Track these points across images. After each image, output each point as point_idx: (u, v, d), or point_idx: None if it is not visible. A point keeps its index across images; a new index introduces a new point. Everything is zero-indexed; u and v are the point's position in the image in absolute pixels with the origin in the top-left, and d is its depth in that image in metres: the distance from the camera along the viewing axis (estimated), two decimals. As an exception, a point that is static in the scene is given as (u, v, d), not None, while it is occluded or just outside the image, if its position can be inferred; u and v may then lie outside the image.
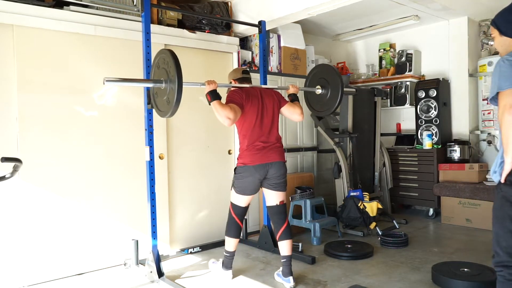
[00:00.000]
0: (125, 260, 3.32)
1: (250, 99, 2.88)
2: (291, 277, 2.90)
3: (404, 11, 4.72)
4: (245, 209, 3.08)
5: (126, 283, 3.07)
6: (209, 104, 2.73)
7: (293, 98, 3.14)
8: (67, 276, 3.17)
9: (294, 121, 3.17)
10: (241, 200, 3.02)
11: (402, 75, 5.36)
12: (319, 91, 3.27)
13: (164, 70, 2.59)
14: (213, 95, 2.72)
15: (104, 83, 2.39)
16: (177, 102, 2.45)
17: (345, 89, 3.13)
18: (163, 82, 2.59)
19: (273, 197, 2.99)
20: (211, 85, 2.74)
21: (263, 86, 3.10)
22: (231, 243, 3.07)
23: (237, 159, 2.98)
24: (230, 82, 3.08)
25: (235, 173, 2.97)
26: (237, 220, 3.06)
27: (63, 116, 3.18)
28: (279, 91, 3.18)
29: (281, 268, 2.99)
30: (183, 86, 2.45)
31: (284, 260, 2.93)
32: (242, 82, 3.03)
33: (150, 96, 2.89)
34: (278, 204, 2.98)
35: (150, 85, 2.69)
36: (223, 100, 2.78)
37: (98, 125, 3.34)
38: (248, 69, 3.11)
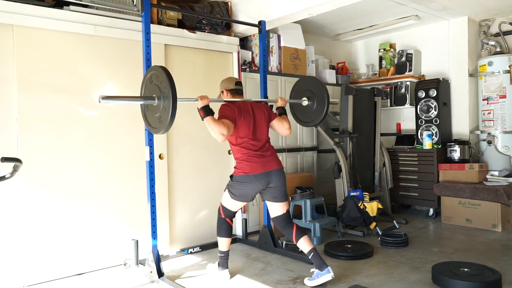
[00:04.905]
0: (125, 260, 3.32)
1: (242, 114, 2.89)
2: (329, 267, 2.83)
3: (404, 11, 4.72)
4: (236, 212, 3.13)
5: (126, 283, 3.07)
6: (202, 120, 2.72)
7: (281, 112, 3.19)
8: (67, 276, 3.17)
9: (281, 135, 3.21)
10: (235, 206, 3.06)
11: (402, 75, 5.36)
12: (305, 102, 3.33)
13: (157, 86, 2.52)
14: (206, 111, 2.70)
15: (99, 102, 2.38)
16: (171, 122, 2.41)
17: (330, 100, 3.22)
18: (155, 99, 2.54)
19: (277, 208, 3.02)
20: (203, 100, 2.72)
21: (253, 99, 3.14)
22: (224, 243, 3.11)
23: (235, 168, 2.98)
24: (222, 92, 3.08)
25: (232, 180, 2.98)
26: (227, 220, 3.10)
27: (63, 116, 3.18)
28: (268, 104, 3.21)
29: (314, 272, 2.89)
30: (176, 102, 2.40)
31: (311, 254, 2.89)
32: (234, 94, 3.04)
33: (141, 110, 2.81)
34: (285, 212, 3.02)
35: (142, 102, 2.68)
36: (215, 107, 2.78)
37: (98, 125, 3.34)
38: (240, 81, 3.13)
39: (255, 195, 3.04)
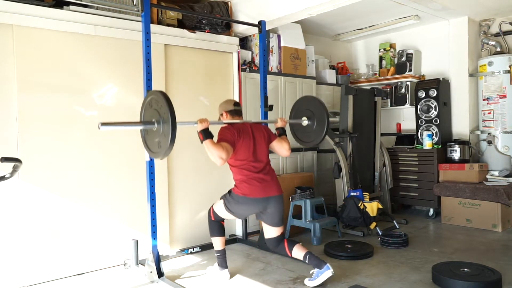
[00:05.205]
0: (125, 260, 3.32)
1: (241, 136, 2.88)
2: (327, 264, 2.83)
3: (404, 11, 4.72)
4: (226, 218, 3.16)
5: (126, 283, 3.07)
6: (201, 143, 2.72)
7: (281, 132, 3.19)
8: (67, 276, 3.17)
9: (281, 156, 3.20)
10: (227, 216, 3.07)
11: (402, 75, 5.37)
12: (305, 122, 3.33)
13: (157, 111, 2.50)
14: (205, 134, 2.71)
15: (99, 128, 2.33)
16: (170, 147, 2.38)
17: (330, 118, 3.22)
18: (155, 124, 2.51)
19: (272, 231, 3.02)
20: (203, 123, 2.73)
21: (253, 121, 3.14)
22: (218, 242, 3.12)
23: (235, 186, 2.96)
24: (222, 114, 3.08)
25: (229, 196, 2.97)
26: (219, 221, 3.13)
27: (63, 116, 3.18)
28: (268, 124, 3.24)
29: (313, 272, 2.88)
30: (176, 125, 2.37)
31: (307, 257, 2.89)
32: (234, 115, 3.04)
33: (141, 135, 2.77)
34: (279, 235, 3.03)
35: (142, 127, 2.67)
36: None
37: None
38: (239, 102, 3.14)
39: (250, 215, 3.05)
